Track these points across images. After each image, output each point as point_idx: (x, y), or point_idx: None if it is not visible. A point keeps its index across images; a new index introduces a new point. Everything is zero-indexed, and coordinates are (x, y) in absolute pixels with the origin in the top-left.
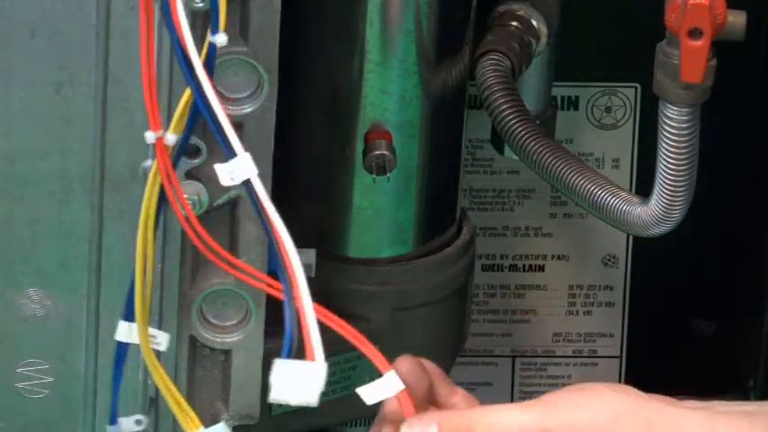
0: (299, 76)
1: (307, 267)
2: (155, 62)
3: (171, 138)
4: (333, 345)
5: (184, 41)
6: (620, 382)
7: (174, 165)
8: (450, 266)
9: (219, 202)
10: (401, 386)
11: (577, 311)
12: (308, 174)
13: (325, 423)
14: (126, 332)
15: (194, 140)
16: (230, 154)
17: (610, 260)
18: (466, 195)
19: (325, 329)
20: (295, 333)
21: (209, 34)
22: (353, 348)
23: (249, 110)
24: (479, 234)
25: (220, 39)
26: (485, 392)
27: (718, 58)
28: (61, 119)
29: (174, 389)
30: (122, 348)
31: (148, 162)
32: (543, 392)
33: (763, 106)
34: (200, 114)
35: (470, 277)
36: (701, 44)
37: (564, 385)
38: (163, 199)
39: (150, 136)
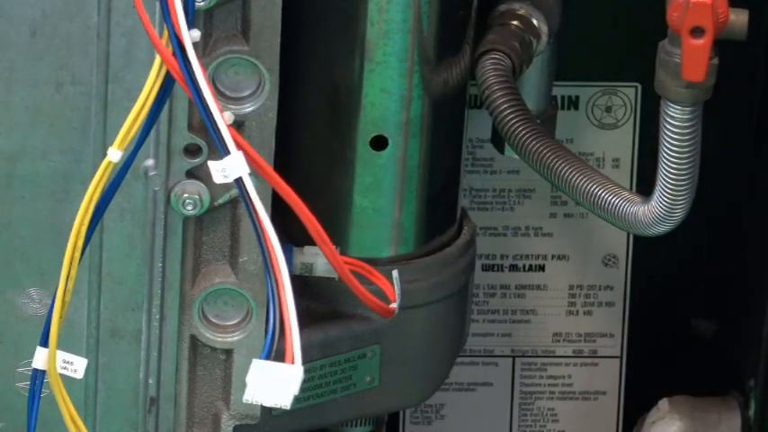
0: (300, 76)
1: (305, 266)
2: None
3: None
4: (333, 345)
5: (182, 36)
6: (620, 382)
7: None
8: (450, 266)
9: (221, 201)
10: None
11: (578, 311)
12: (308, 173)
13: (325, 423)
14: (43, 359)
15: (195, 140)
16: (224, 152)
17: (610, 260)
18: (466, 195)
19: (330, 335)
20: (277, 335)
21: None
22: (354, 348)
23: (250, 109)
24: (480, 234)
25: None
26: (485, 392)
27: (719, 57)
28: (62, 118)
29: (79, 421)
30: (38, 375)
31: (149, 161)
32: (543, 393)
33: (763, 106)
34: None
35: (471, 277)
36: (702, 43)
37: (564, 386)
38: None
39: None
